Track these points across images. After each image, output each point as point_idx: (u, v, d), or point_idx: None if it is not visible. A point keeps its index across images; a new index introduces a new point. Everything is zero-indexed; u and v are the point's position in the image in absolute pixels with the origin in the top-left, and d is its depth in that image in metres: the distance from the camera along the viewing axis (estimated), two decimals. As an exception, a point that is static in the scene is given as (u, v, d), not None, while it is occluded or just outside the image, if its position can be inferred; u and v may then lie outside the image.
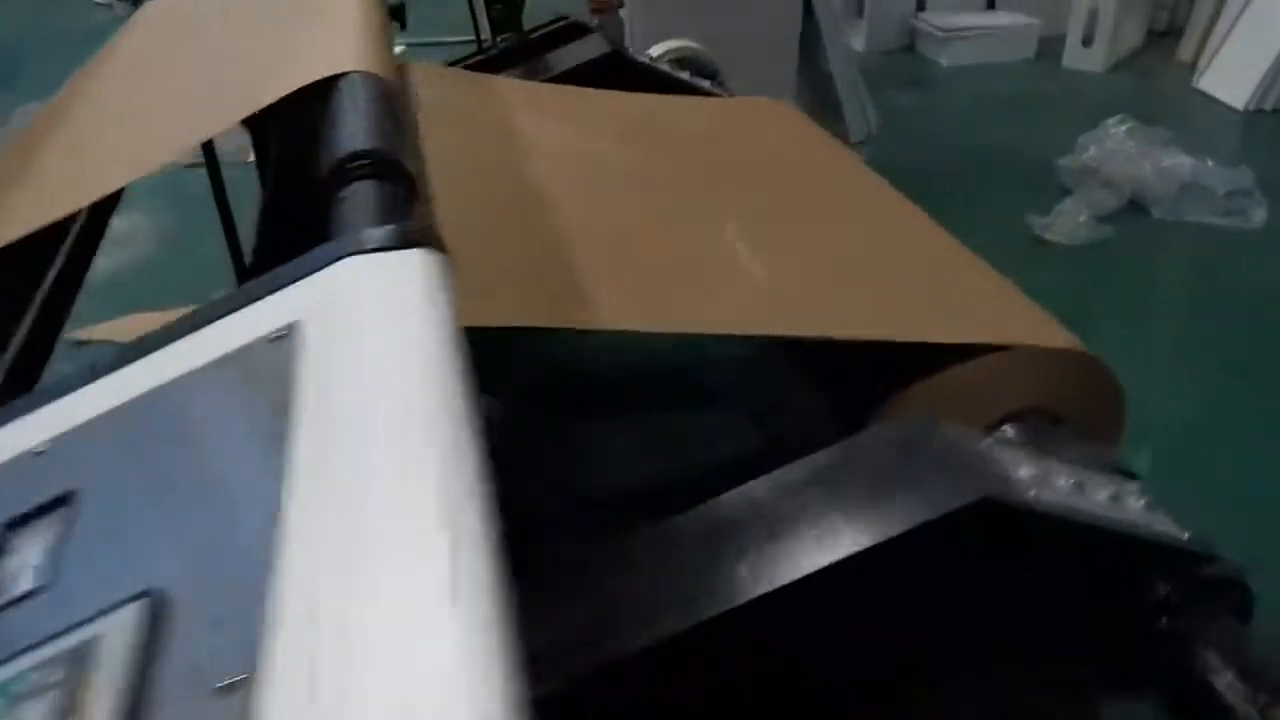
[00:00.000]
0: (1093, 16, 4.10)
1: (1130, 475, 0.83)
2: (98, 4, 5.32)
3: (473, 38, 2.27)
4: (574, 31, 1.90)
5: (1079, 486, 0.71)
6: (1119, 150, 2.72)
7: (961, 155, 3.15)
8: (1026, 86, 3.94)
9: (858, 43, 4.48)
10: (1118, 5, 4.05)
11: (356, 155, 0.48)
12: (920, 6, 4.47)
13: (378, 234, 0.36)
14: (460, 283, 0.73)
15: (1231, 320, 2.19)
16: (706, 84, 1.76)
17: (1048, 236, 2.49)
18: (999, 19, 4.38)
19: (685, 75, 1.75)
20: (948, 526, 0.62)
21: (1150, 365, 2.00)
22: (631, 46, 2.67)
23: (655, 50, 2.05)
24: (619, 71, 1.64)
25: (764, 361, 1.45)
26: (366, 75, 0.60)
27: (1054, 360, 0.92)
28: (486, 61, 1.76)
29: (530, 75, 1.64)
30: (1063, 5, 4.17)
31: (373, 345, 0.31)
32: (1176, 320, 2.20)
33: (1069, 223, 2.47)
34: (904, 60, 4.33)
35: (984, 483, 0.63)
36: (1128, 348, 2.05)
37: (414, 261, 0.35)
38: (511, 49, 1.79)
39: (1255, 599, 0.74)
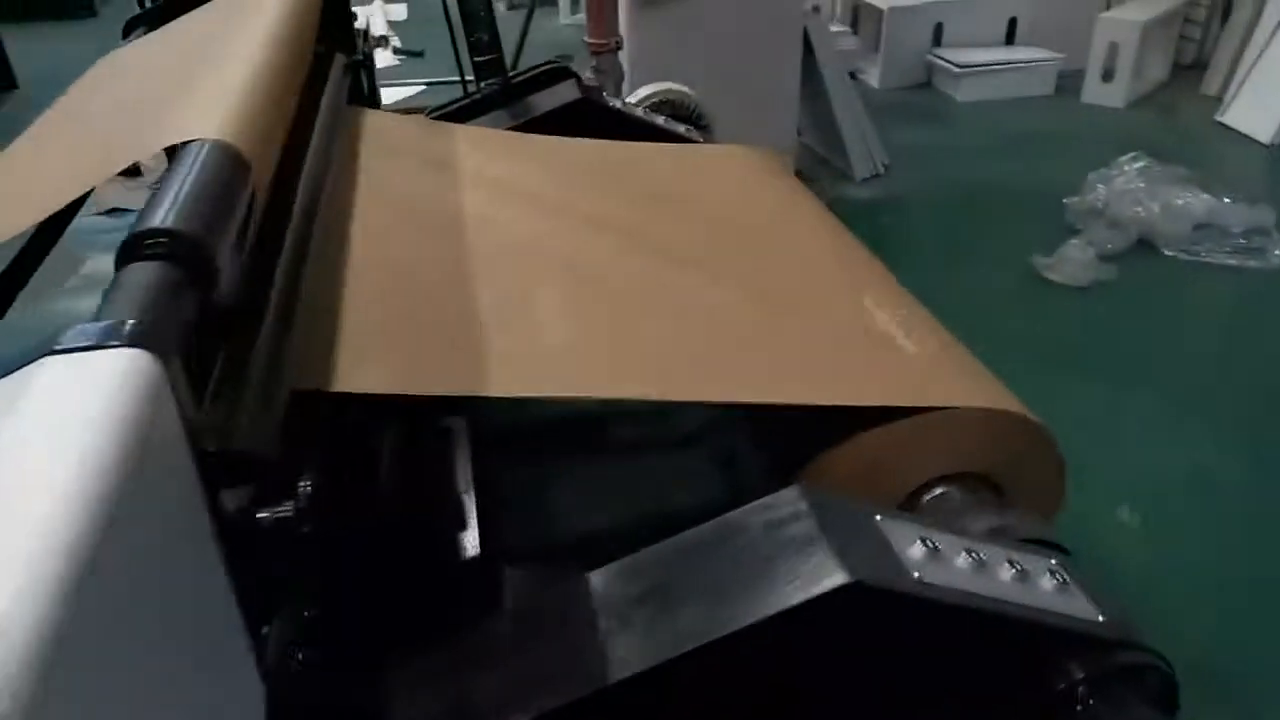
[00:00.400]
0: (1114, 51, 4.04)
1: (1057, 549, 0.79)
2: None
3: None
4: (555, 76, 1.89)
5: (979, 565, 0.68)
6: (1129, 189, 2.66)
7: (969, 193, 3.10)
8: (1042, 122, 3.88)
9: (872, 78, 4.47)
10: (1140, 39, 3.99)
11: (149, 233, 0.47)
12: (937, 42, 4.44)
13: (83, 331, 0.34)
14: (323, 348, 0.72)
15: (1243, 369, 2.11)
16: (683, 129, 1.75)
17: (1051, 276, 2.43)
18: (1017, 54, 4.33)
19: (661, 120, 1.75)
20: (813, 611, 0.59)
21: (1147, 419, 1.92)
22: (629, 88, 2.68)
23: (640, 93, 2.05)
24: (590, 117, 1.64)
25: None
26: (214, 144, 0.60)
27: (990, 425, 0.88)
28: (464, 108, 1.76)
29: (501, 121, 1.64)
30: (1084, 40, 4.12)
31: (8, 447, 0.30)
32: (1179, 367, 2.10)
33: (1072, 263, 2.41)
34: (919, 96, 4.30)
35: (856, 565, 0.60)
36: (1123, 397, 1.98)
37: (110, 364, 0.33)
38: (489, 95, 1.79)
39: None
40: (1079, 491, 1.63)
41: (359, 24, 1.72)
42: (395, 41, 4.97)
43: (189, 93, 0.71)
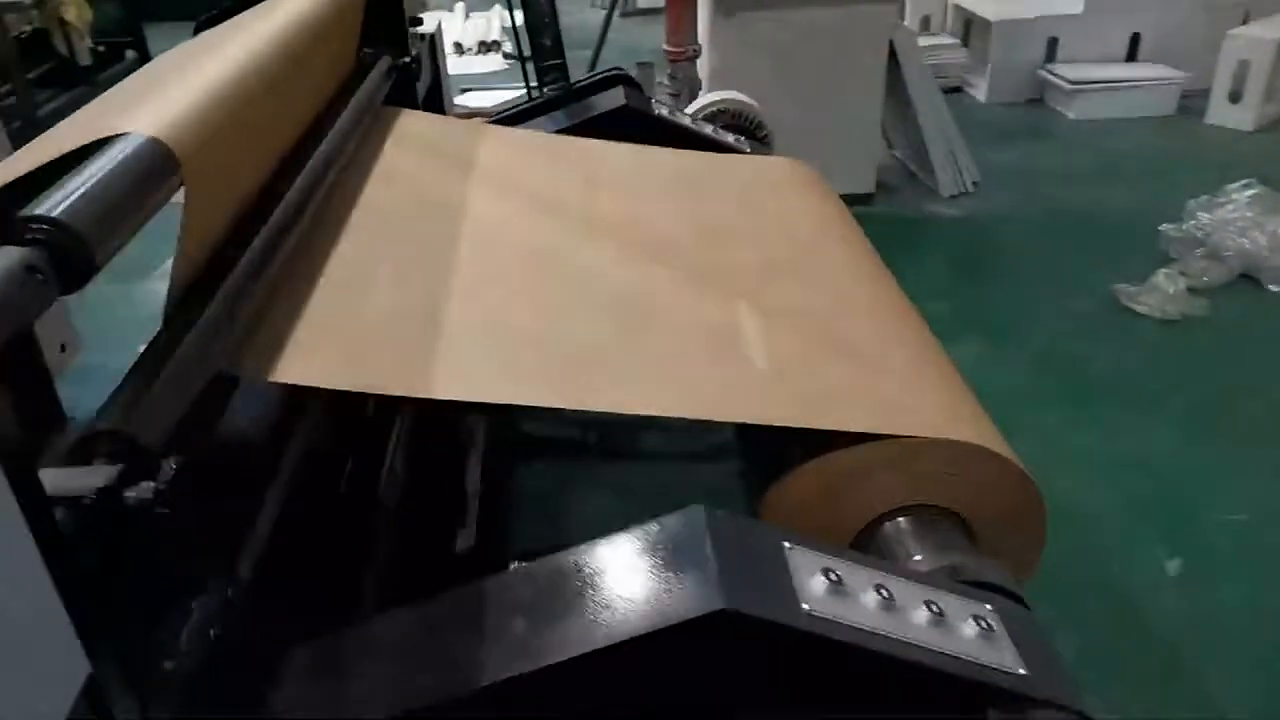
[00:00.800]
0: (1243, 70, 3.78)
1: (1010, 596, 0.75)
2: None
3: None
4: (615, 83, 1.91)
5: (887, 603, 0.65)
6: (1234, 218, 2.48)
7: (1061, 214, 2.95)
8: (1157, 144, 3.66)
9: (980, 93, 4.31)
10: (1275, 58, 3.72)
11: (33, 218, 0.50)
12: (1051, 57, 4.25)
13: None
14: (265, 338, 0.75)
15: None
16: (732, 139, 1.74)
17: (1135, 307, 2.29)
18: (1136, 71, 4.10)
19: (710, 129, 1.74)
20: (686, 634, 0.58)
21: (1214, 471, 1.78)
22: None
23: (700, 102, 2.04)
24: (634, 123, 1.64)
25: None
26: (142, 140, 0.63)
27: (956, 459, 0.84)
28: (521, 113, 1.80)
29: (548, 126, 1.67)
30: (1211, 58, 3.87)
31: None
32: (1262, 418, 1.94)
33: (1160, 294, 2.26)
34: (1027, 113, 4.12)
35: (735, 592, 0.58)
36: (1188, 444, 1.84)
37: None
38: (543, 101, 1.82)
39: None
40: (1123, 536, 1.54)
41: (426, 28, 1.78)
42: (507, 46, 5.10)
43: (154, 91, 0.75)
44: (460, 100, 4.12)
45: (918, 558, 0.81)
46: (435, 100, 1.89)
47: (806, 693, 0.63)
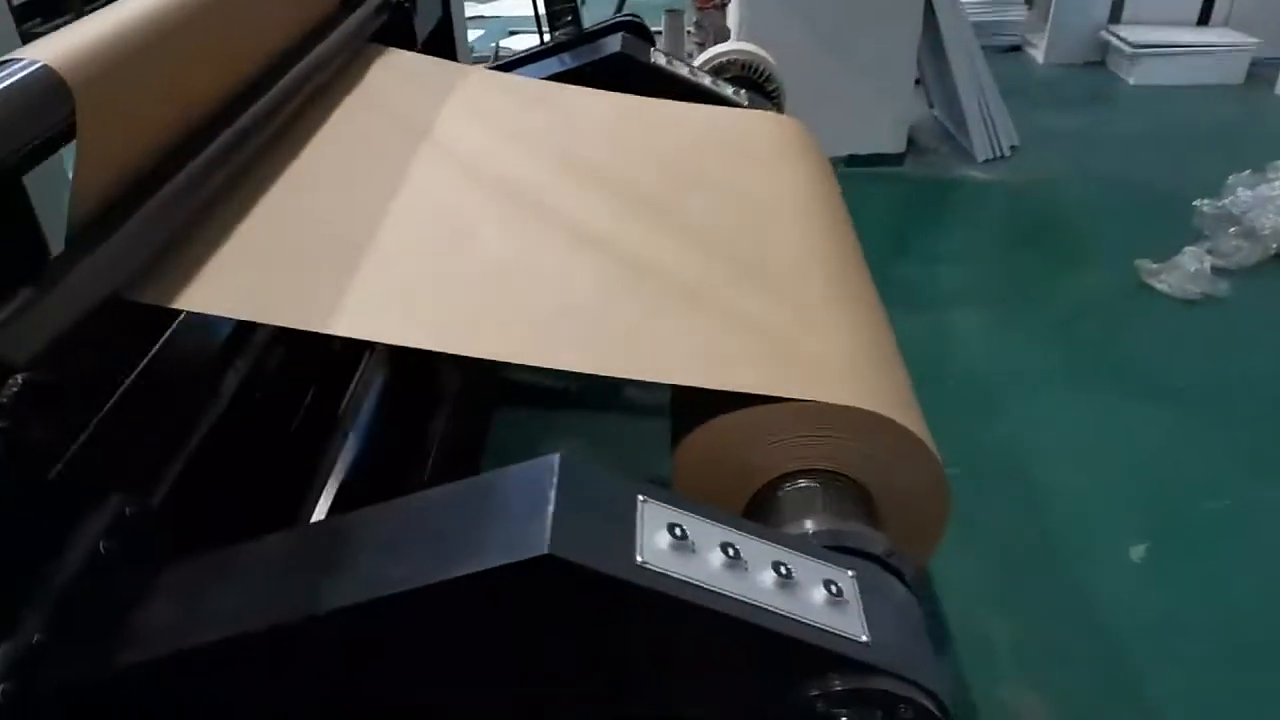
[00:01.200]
0: (1321, 39, 3.57)
1: (883, 565, 0.75)
2: None
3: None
4: (627, 30, 1.88)
5: (733, 562, 0.66)
6: (1275, 195, 2.36)
7: (1096, 185, 2.85)
8: (1218, 115, 3.49)
9: (1038, 53, 4.15)
10: (1358, 28, 3.51)
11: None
12: (1115, 17, 4.05)
13: None
14: (170, 263, 0.77)
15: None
16: (730, 91, 1.71)
17: (1155, 284, 2.21)
18: (1204, 36, 3.90)
19: (708, 80, 1.71)
20: (508, 577, 0.60)
21: (1206, 455, 1.72)
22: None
23: (709, 53, 2.01)
24: (628, 72, 1.62)
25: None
26: (29, 67, 0.65)
27: (854, 425, 0.83)
28: (521, 59, 1.79)
29: (542, 72, 1.66)
30: (1293, 24, 3.66)
31: None
32: (1264, 404, 1.87)
33: (1181, 272, 2.18)
34: (1086, 76, 3.95)
35: (563, 539, 0.60)
36: (1186, 428, 1.78)
37: None
38: (547, 47, 1.81)
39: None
40: (1080, 522, 1.50)
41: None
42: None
43: (85, 23, 0.77)
44: (505, 44, 4.09)
45: (808, 522, 0.82)
46: (445, 41, 1.88)
47: (637, 646, 0.64)
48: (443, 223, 0.97)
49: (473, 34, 3.79)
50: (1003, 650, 1.29)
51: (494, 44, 3.71)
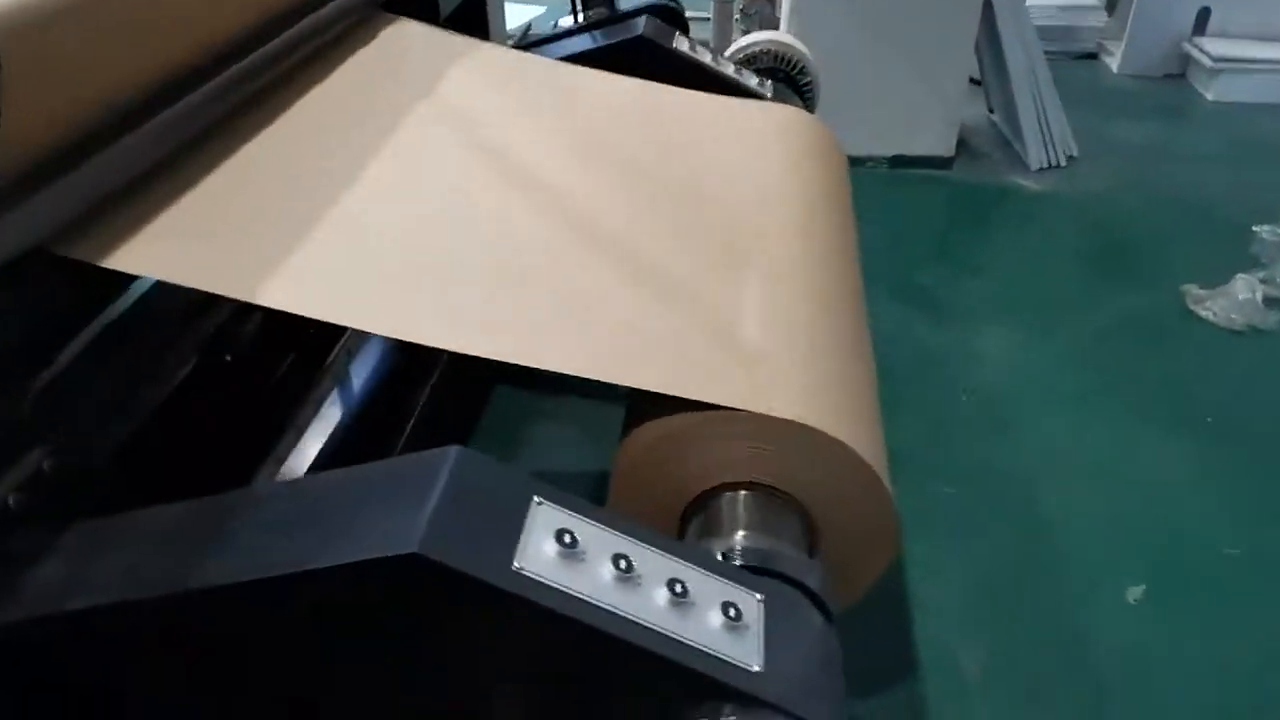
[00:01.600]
0: None
1: (805, 591, 0.71)
2: None
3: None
4: (661, 16, 1.84)
5: (622, 576, 0.63)
6: (1342, 226, 2.23)
7: (1153, 203, 2.72)
8: (1298, 137, 3.31)
9: (1113, 62, 3.97)
10: None
11: None
12: (1200, 29, 3.86)
13: None
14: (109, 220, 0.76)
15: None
16: (754, 82, 1.66)
17: (1199, 311, 2.10)
18: (1294, 53, 3.69)
19: (731, 69, 1.66)
20: (370, 573, 0.58)
21: (1225, 500, 1.62)
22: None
23: (741, 42, 1.96)
24: (646, 57, 1.59)
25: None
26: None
27: (793, 441, 0.79)
28: (544, 39, 1.77)
29: (561, 53, 1.63)
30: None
31: None
32: None
33: (1229, 300, 2.07)
34: (1161, 89, 3.78)
35: (432, 537, 0.57)
36: (1210, 467, 1.69)
37: None
38: (571, 28, 1.78)
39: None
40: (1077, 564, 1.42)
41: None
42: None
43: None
44: (564, 21, 4.05)
45: (737, 537, 0.78)
46: (478, 16, 1.86)
47: (506, 658, 0.62)
48: (408, 200, 0.95)
49: (534, 11, 3.76)
50: (972, 684, 1.23)
51: (526, 22, 3.66)
